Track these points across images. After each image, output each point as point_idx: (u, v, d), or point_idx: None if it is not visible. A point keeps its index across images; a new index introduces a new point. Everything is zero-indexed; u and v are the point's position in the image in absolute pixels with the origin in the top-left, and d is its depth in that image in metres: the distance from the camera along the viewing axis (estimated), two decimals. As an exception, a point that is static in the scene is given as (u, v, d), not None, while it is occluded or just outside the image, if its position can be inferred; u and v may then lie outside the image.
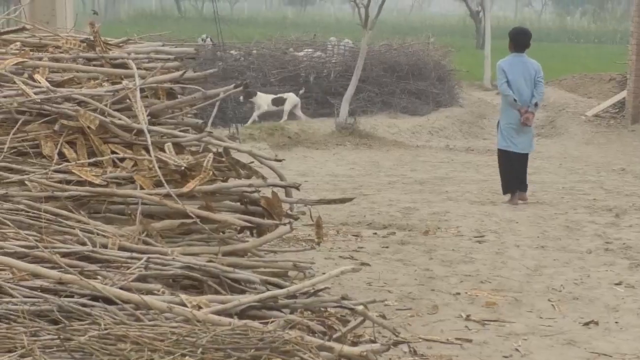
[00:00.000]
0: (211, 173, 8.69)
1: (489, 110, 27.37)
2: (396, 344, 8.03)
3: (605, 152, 22.49)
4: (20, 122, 8.38)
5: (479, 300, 9.73)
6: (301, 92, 23.83)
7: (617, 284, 10.51)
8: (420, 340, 8.33)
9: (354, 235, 12.11)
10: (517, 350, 8.34)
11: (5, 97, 8.42)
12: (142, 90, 8.90)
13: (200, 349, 6.71)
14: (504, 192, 16.13)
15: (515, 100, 15.77)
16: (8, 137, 8.23)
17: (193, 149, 8.99)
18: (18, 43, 9.53)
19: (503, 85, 16.29)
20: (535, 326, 9.02)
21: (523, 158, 16.01)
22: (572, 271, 11.01)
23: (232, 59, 27.08)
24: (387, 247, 11.69)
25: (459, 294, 9.93)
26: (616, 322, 9.21)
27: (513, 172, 15.92)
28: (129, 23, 52.50)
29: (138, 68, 9.19)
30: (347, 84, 24.78)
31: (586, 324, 9.14)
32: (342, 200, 11.02)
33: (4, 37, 9.74)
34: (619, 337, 8.77)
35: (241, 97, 23.48)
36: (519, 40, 16.51)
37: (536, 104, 16.06)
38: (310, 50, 29.50)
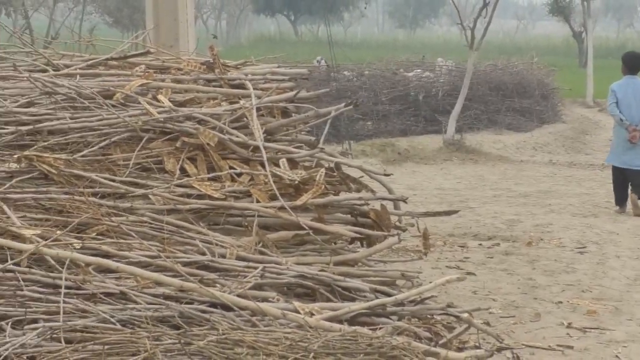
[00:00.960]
0: (323, 187, 8.68)
1: (591, 127, 27.06)
2: (500, 350, 7.97)
3: None
4: (144, 139, 8.46)
5: (580, 309, 9.61)
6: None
7: None
8: (523, 346, 8.25)
9: (460, 246, 12.04)
10: (617, 357, 8.23)
11: (130, 116, 8.49)
12: (258, 109, 8.93)
13: (312, 354, 6.71)
14: (615, 204, 16.19)
15: (622, 119, 15.69)
16: (133, 153, 8.31)
17: (306, 164, 8.99)
18: (143, 65, 9.62)
19: (611, 105, 16.33)
20: (635, 334, 8.88)
21: (631, 173, 15.85)
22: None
23: (345, 79, 27.07)
24: (491, 258, 11.61)
25: (560, 302, 9.81)
26: None
27: (618, 185, 15.83)
28: (249, 47, 52.83)
29: (254, 88, 9.22)
30: (454, 102, 24.70)
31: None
32: (449, 213, 10.97)
33: (131, 60, 9.84)
34: None
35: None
36: (632, 63, 16.45)
37: None
38: (419, 70, 29.42)
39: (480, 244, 12.28)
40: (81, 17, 36.60)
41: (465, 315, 8.35)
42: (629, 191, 15.87)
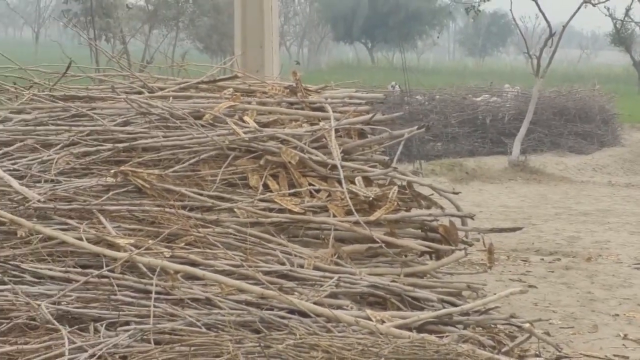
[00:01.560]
0: (395, 203, 8.68)
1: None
2: (559, 358, 7.92)
3: None
4: (230, 157, 8.52)
5: (637, 322, 9.51)
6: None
7: None
8: (581, 356, 8.18)
9: (522, 260, 11.98)
10: (670, 368, 8.13)
11: (218, 135, 8.56)
12: (336, 130, 8.96)
13: (382, 359, 6.71)
14: None
15: None
16: (220, 170, 8.37)
17: (380, 182, 8.99)
18: (231, 89, 9.70)
19: None
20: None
21: None
22: None
23: (417, 103, 27.09)
24: (552, 272, 11.54)
25: (617, 315, 9.71)
26: None
27: None
28: (329, 72, 52.95)
29: (333, 111, 9.25)
30: (520, 125, 24.62)
31: None
32: (513, 229, 10.93)
33: (220, 83, 9.92)
34: None
35: None
36: None
37: None
38: (487, 95, 29.35)
39: (541, 259, 12.21)
40: (174, 43, 36.88)
41: (527, 325, 8.31)
42: None
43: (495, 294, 8.70)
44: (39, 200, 7.84)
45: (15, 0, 70.19)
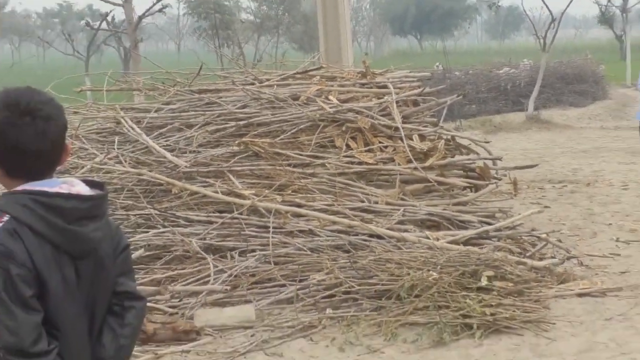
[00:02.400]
0: (443, 152, 8.64)
1: (630, 101, 26.14)
2: (569, 258, 7.86)
3: None
4: (320, 126, 8.52)
5: (625, 228, 9.38)
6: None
7: None
8: (585, 256, 8.08)
9: (539, 188, 11.84)
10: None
11: (311, 111, 8.56)
12: (396, 101, 8.90)
13: (439, 266, 6.71)
14: None
15: None
16: (314, 136, 8.40)
17: (431, 137, 8.92)
18: (318, 76, 9.67)
19: (638, 84, 16.32)
20: (664, 243, 8.64)
21: None
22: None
23: (456, 77, 26.73)
24: (561, 195, 11.40)
25: (611, 224, 9.58)
26: None
27: None
28: (389, 59, 52.46)
29: (394, 88, 9.19)
30: (532, 89, 24.25)
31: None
32: (531, 166, 10.88)
33: (310, 73, 9.90)
34: None
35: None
36: None
37: None
38: (507, 68, 28.94)
39: (553, 186, 12.05)
40: (276, 46, 36.84)
41: (544, 235, 8.27)
42: None
43: (519, 214, 8.68)
44: (185, 166, 7.96)
45: (162, 22, 70.62)
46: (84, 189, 2.79)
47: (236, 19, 35.34)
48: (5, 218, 2.63)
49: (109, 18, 35.83)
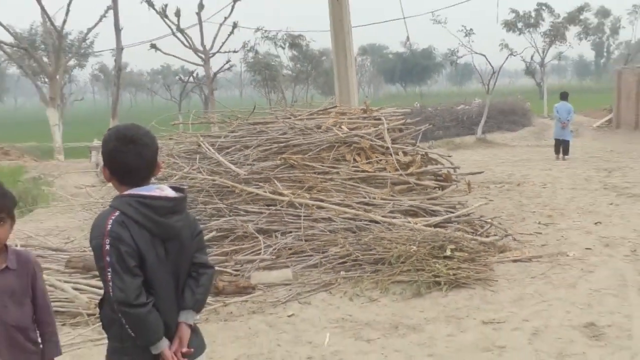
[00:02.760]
0: (420, 163, 8.54)
1: (546, 127, 25.78)
2: (506, 236, 7.71)
3: (602, 142, 20.81)
4: (335, 147, 8.45)
5: (545, 214, 9.21)
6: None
7: (610, 204, 9.70)
8: (517, 233, 7.94)
9: (485, 187, 11.67)
10: (562, 236, 7.85)
11: (329, 136, 8.49)
12: (387, 129, 8.82)
13: (417, 242, 6.60)
14: (555, 153, 16.30)
15: (559, 118, 15.75)
16: (331, 153, 8.32)
17: (411, 153, 8.83)
18: (333, 112, 9.61)
19: (555, 113, 16.51)
20: (571, 225, 8.47)
21: (561, 141, 16.00)
22: (588, 199, 10.24)
23: (429, 112, 26.54)
24: (500, 192, 11.21)
25: (534, 212, 9.41)
26: (610, 222, 8.52)
27: (556, 147, 15.95)
28: (383, 100, 52.28)
29: (386, 119, 9.11)
30: (480, 119, 24.08)
31: (596, 223, 8.48)
32: (479, 173, 10.76)
33: (328, 110, 9.83)
34: (612, 230, 8.11)
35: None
36: (562, 96, 16.52)
37: (568, 120, 15.89)
38: (463, 105, 28.69)
39: (495, 186, 11.87)
40: (306, 91, 36.76)
41: (489, 220, 8.13)
42: (561, 150, 16.19)
43: (472, 205, 8.53)
44: (244, 174, 7.91)
45: (230, 76, 70.70)
46: (170, 193, 2.80)
47: (279, 73, 35.24)
48: (117, 213, 2.67)
49: (194, 74, 36.14)
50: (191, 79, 36.24)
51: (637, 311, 5.40)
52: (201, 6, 27.16)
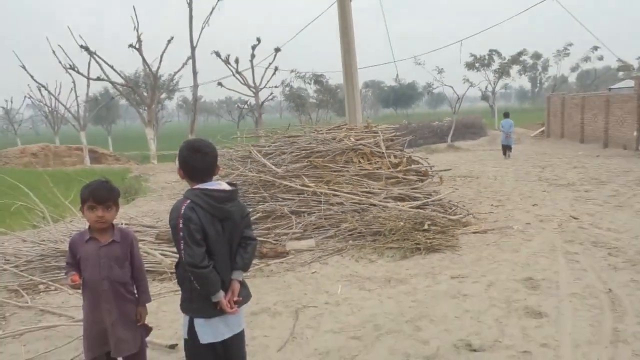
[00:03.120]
0: (406, 164, 8.39)
1: (496, 136, 25.33)
2: (468, 214, 7.54)
3: (537, 147, 20.36)
4: (346, 152, 8.33)
5: (496, 199, 9.00)
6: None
7: (543, 191, 9.46)
8: (476, 213, 7.76)
9: (453, 180, 11.47)
10: (509, 215, 7.66)
11: (342, 145, 8.37)
12: (383, 140, 8.68)
13: (404, 219, 6.48)
14: (503, 155, 15.84)
15: (503, 131, 15.43)
16: (343, 157, 8.20)
17: (400, 156, 8.68)
18: (344, 128, 9.48)
19: (501, 127, 16.43)
20: (515, 207, 8.24)
21: (508, 147, 15.69)
22: (528, 187, 9.99)
23: (413, 127, 26.15)
24: (464, 183, 11.02)
25: (488, 197, 9.21)
26: (544, 204, 8.29)
27: (504, 150, 15.70)
28: (380, 119, 51.86)
29: (382, 133, 8.97)
30: (450, 131, 23.65)
31: (533, 205, 8.27)
32: (448, 169, 10.62)
33: (341, 126, 9.69)
34: (548, 210, 7.89)
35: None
36: (506, 114, 16.23)
37: (510, 132, 15.70)
38: (437, 122, 28.23)
39: (461, 178, 11.68)
40: (327, 113, 36.53)
41: (456, 203, 7.97)
42: (506, 153, 15.67)
43: (444, 193, 8.39)
44: (281, 173, 7.85)
45: (273, 104, 70.55)
46: (226, 187, 2.76)
47: (307, 101, 35.12)
48: (188, 201, 2.64)
49: (248, 103, 36.15)
50: (246, 106, 36.32)
51: (563, 269, 5.25)
52: (253, 56, 27.38)
